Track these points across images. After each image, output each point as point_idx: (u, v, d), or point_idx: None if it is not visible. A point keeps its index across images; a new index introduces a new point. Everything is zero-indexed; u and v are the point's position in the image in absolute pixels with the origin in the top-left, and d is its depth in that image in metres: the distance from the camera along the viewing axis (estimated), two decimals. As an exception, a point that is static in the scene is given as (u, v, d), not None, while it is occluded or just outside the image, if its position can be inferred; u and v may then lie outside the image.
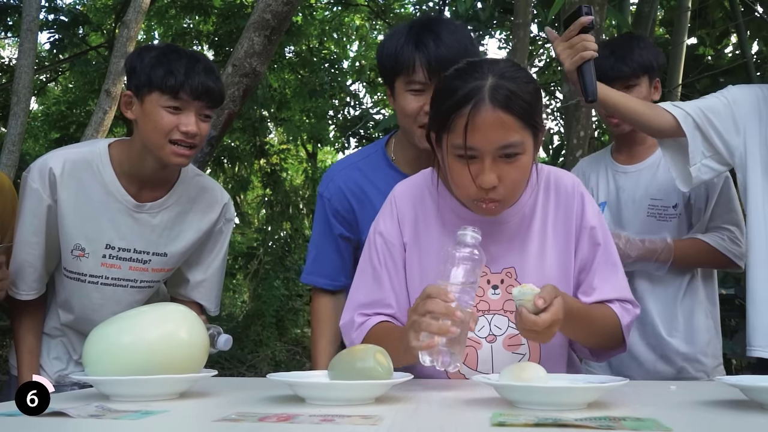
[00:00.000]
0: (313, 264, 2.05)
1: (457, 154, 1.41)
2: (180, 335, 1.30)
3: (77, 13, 7.78)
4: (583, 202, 1.58)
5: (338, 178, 1.98)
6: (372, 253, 1.60)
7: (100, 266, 1.94)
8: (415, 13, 8.17)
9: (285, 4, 3.33)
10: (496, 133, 1.37)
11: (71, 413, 1.03)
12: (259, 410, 1.11)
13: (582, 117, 3.78)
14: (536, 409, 1.11)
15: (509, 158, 1.40)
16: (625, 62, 2.21)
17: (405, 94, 1.81)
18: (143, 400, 1.22)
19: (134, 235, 1.94)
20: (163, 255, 2.00)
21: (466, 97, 1.38)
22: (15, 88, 4.22)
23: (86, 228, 1.91)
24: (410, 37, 1.79)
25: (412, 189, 1.62)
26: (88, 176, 1.90)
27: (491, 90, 1.38)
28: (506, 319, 1.53)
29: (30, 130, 9.67)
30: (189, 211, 2.02)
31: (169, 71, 1.79)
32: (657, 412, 1.08)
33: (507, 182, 1.41)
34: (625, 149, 2.35)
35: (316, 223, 2.04)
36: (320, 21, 9.47)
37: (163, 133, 1.81)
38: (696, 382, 1.61)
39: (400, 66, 1.80)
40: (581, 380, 1.26)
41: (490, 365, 1.53)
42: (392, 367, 1.25)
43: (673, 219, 2.23)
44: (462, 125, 1.38)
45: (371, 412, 1.08)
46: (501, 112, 1.37)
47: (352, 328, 1.58)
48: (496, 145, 1.38)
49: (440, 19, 1.90)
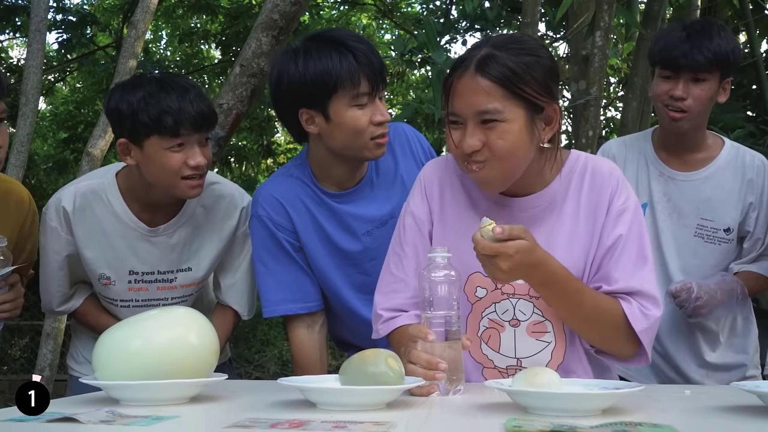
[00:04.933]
0: (274, 292, 1.87)
1: (449, 122, 1.46)
2: (190, 339, 1.29)
3: (85, 13, 7.79)
4: (618, 187, 1.52)
5: (265, 192, 1.88)
6: (401, 234, 1.62)
7: (128, 291, 1.95)
8: (422, 11, 8.15)
9: (293, 4, 3.31)
10: (473, 98, 1.41)
11: (81, 419, 1.03)
12: (270, 416, 1.10)
13: (590, 116, 3.76)
14: (550, 415, 1.10)
15: (488, 124, 1.41)
16: (702, 51, 1.94)
17: (351, 110, 1.73)
18: (153, 405, 1.21)
19: (154, 259, 1.94)
20: (187, 270, 1.98)
21: (456, 65, 1.46)
22: (23, 89, 4.23)
23: (107, 258, 1.92)
24: (342, 51, 1.72)
25: (439, 167, 1.63)
26: (100, 207, 1.90)
27: (479, 59, 1.42)
28: (531, 305, 1.51)
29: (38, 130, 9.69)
30: (206, 222, 1.98)
31: (164, 112, 1.73)
32: (673, 418, 1.07)
33: (490, 147, 1.42)
34: (675, 150, 2.10)
35: (261, 251, 1.87)
36: (327, 20, 9.45)
37: (174, 173, 1.77)
38: (711, 388, 1.59)
39: (343, 81, 1.70)
40: (596, 386, 1.25)
41: (512, 349, 1.52)
42: (404, 371, 1.24)
43: (723, 244, 2.06)
44: (448, 91, 1.45)
45: (384, 418, 1.07)
46: (480, 77, 1.40)
47: (378, 320, 1.61)
48: (474, 109, 1.41)
49: (345, 30, 1.86)
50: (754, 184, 2.07)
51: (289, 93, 1.78)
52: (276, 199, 1.85)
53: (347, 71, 1.70)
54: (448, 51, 6.80)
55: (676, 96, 1.99)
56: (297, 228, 1.86)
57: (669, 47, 1.99)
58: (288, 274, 1.86)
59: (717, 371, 2.10)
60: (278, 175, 1.94)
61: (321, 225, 1.87)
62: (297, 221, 1.85)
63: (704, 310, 1.98)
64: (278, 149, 10.09)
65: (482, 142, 1.41)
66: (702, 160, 2.09)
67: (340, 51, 1.72)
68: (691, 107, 1.99)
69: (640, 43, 4.23)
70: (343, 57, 1.71)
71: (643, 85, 4.07)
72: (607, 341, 1.49)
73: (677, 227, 2.08)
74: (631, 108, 4.22)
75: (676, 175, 2.09)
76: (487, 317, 1.53)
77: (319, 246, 1.87)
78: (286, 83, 1.77)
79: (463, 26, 6.17)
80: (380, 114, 1.75)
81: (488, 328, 1.53)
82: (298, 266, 1.87)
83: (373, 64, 1.73)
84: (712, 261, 2.07)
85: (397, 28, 9.20)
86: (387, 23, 10.02)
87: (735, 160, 2.09)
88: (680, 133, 2.06)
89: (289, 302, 1.87)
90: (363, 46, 1.75)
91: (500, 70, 1.40)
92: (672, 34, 2.01)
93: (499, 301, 1.52)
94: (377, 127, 1.75)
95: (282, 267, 1.86)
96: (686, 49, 1.95)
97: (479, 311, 1.53)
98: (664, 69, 2.02)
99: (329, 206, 1.87)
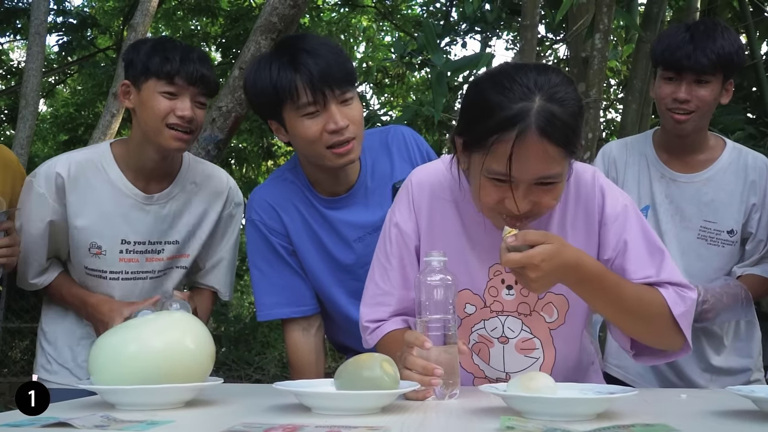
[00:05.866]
0: (269, 296, 1.87)
1: (490, 177, 1.33)
2: (186, 343, 1.29)
3: (85, 15, 7.81)
4: (603, 195, 1.47)
5: (258, 197, 1.88)
6: (386, 245, 1.57)
7: (118, 262, 1.97)
8: (422, 14, 8.15)
9: (292, 7, 3.32)
10: (539, 165, 1.29)
11: (76, 423, 1.03)
12: (264, 420, 1.10)
13: (590, 118, 3.76)
14: (545, 419, 1.10)
15: (546, 186, 1.33)
16: (705, 53, 1.91)
17: (300, 120, 1.70)
18: (149, 409, 1.22)
19: (146, 227, 1.98)
20: (174, 243, 2.03)
21: (510, 122, 1.27)
22: (23, 92, 4.23)
23: (100, 226, 1.94)
24: (284, 62, 1.68)
25: (430, 178, 1.56)
26: (95, 176, 1.94)
27: (538, 116, 1.26)
28: (519, 322, 1.50)
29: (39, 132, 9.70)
30: (195, 197, 2.05)
31: (165, 58, 1.86)
32: (668, 422, 1.07)
33: (540, 207, 1.36)
34: (677, 152, 2.08)
35: (255, 255, 1.87)
36: (327, 22, 9.46)
37: (160, 118, 1.86)
38: (707, 392, 1.58)
39: (282, 94, 1.68)
40: (591, 391, 1.25)
41: (501, 364, 1.52)
42: (399, 376, 1.24)
43: (727, 246, 2.04)
44: (503, 152, 1.28)
45: (378, 423, 1.07)
46: (548, 143, 1.27)
47: (365, 332, 1.60)
48: (537, 176, 1.31)
49: (305, 35, 1.82)
50: (757, 186, 2.05)
51: (253, 104, 1.81)
52: (269, 203, 1.86)
53: (286, 83, 1.67)
54: (448, 53, 6.81)
55: (680, 99, 1.97)
56: (290, 232, 1.86)
57: (672, 48, 1.96)
58: (282, 278, 1.86)
59: (721, 375, 2.08)
60: (272, 179, 1.93)
61: (314, 231, 1.86)
62: (290, 226, 1.86)
63: (710, 314, 1.95)
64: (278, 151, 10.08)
65: (533, 203, 1.34)
66: (704, 162, 2.08)
67: (282, 62, 1.69)
68: (695, 109, 1.98)
69: (640, 46, 4.23)
70: (283, 69, 1.68)
71: (642, 87, 4.07)
72: (654, 333, 1.42)
73: (680, 229, 2.07)
74: (630, 110, 4.22)
75: (678, 177, 2.08)
76: (477, 332, 1.53)
77: (311, 251, 1.87)
78: (249, 94, 1.80)
79: (463, 28, 6.17)
80: (333, 122, 1.68)
81: (478, 342, 1.54)
82: (293, 270, 1.87)
83: (313, 74, 1.65)
84: (716, 263, 2.06)
85: (397, 30, 9.20)
86: (387, 25, 10.02)
87: (737, 162, 2.07)
88: (683, 135, 2.04)
89: (284, 306, 1.87)
90: (308, 55, 1.67)
91: (566, 132, 1.28)
92: (675, 35, 1.98)
93: (488, 319, 1.52)
94: (332, 136, 1.70)
95: (276, 271, 1.86)
96: (689, 50, 1.92)
97: (468, 326, 1.53)
98: (667, 70, 2.00)
99: (321, 212, 1.86)
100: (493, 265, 1.50)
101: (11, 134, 7.04)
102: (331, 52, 1.70)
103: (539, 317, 1.50)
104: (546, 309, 1.50)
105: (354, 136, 1.73)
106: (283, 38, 1.83)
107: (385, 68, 9.27)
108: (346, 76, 1.70)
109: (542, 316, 1.50)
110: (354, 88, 1.75)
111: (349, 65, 1.75)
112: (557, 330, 1.51)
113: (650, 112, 4.34)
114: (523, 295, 1.50)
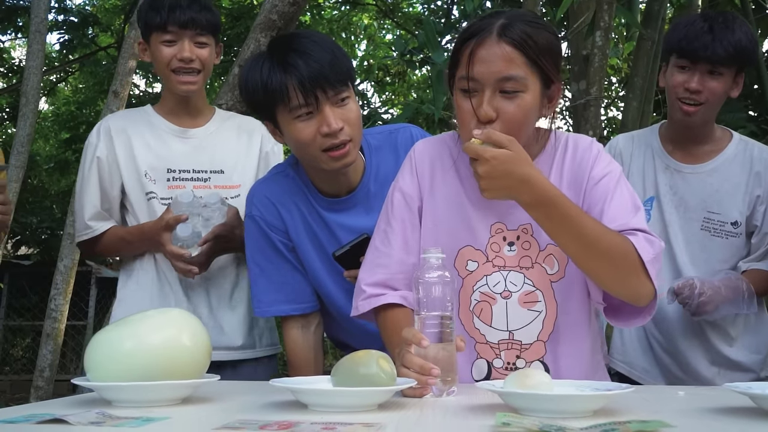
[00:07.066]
0: (267, 293, 1.85)
1: (460, 87, 1.44)
2: (182, 340, 1.29)
3: (87, 13, 7.82)
4: (598, 155, 1.53)
5: (258, 192, 1.87)
6: (388, 210, 1.61)
7: (167, 189, 2.09)
8: (423, 12, 8.14)
9: (291, 5, 3.32)
10: (498, 64, 1.39)
11: (71, 420, 1.03)
12: (260, 417, 1.10)
13: (591, 116, 3.75)
14: (542, 416, 1.09)
15: (509, 94, 1.40)
16: (723, 44, 1.91)
17: (293, 123, 1.66)
18: (145, 406, 1.21)
19: (188, 158, 2.11)
20: (220, 172, 2.13)
21: (474, 31, 1.43)
22: (24, 90, 4.24)
23: (148, 158, 2.10)
24: (275, 63, 1.64)
25: (431, 146, 1.63)
26: (139, 119, 2.15)
27: (500, 26, 1.41)
28: (522, 276, 1.52)
29: (40, 131, 9.72)
30: (233, 131, 2.19)
31: (155, 10, 2.02)
32: (664, 418, 1.06)
33: (505, 117, 1.41)
34: (682, 143, 2.09)
35: (255, 251, 1.85)
36: (328, 20, 9.46)
37: (165, 65, 2.05)
38: (705, 388, 1.58)
39: (273, 97, 1.64)
40: (587, 387, 1.25)
41: (504, 322, 1.52)
42: (395, 372, 1.24)
43: (731, 237, 2.03)
44: (466, 55, 1.42)
45: (374, 420, 1.07)
46: (505, 44, 1.40)
47: (359, 296, 1.59)
48: (497, 75, 1.40)
49: (299, 33, 1.76)
50: (762, 178, 2.04)
51: (248, 104, 1.79)
52: (268, 199, 1.84)
53: (276, 85, 1.63)
54: (449, 51, 6.80)
55: (691, 89, 1.97)
56: (289, 229, 1.84)
57: (690, 38, 1.96)
58: (281, 275, 1.85)
59: (730, 370, 2.05)
60: (273, 174, 1.91)
61: (313, 230, 1.84)
62: (289, 223, 1.84)
63: (709, 307, 1.94)
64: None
65: (497, 111, 1.41)
66: (709, 153, 2.07)
67: (273, 63, 1.65)
68: (705, 101, 1.98)
69: (641, 43, 4.21)
70: (273, 70, 1.64)
71: (643, 84, 4.06)
72: (621, 277, 1.39)
73: (684, 220, 2.06)
74: (631, 108, 4.20)
75: (683, 168, 2.07)
76: (479, 291, 1.54)
77: (310, 249, 1.85)
78: (243, 94, 1.78)
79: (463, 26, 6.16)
80: (326, 125, 1.64)
81: (480, 302, 1.53)
82: (293, 267, 1.85)
83: (303, 75, 1.61)
84: (719, 255, 2.04)
85: (398, 28, 9.20)
86: (388, 23, 10.02)
87: (743, 153, 2.07)
88: (691, 126, 2.04)
89: (282, 303, 1.86)
90: (299, 56, 1.63)
91: (524, 38, 1.40)
92: (693, 25, 1.98)
93: (490, 274, 1.53)
94: (326, 139, 1.65)
95: (275, 267, 1.84)
96: (708, 41, 1.92)
97: (470, 285, 1.54)
98: (682, 59, 2.00)
99: (320, 214, 1.83)
100: (495, 223, 1.54)
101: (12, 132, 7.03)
102: (324, 51, 1.64)
103: (541, 269, 1.52)
104: (547, 261, 1.52)
105: (350, 139, 1.68)
106: (276, 37, 1.81)
107: (387, 66, 9.27)
108: (339, 77, 1.64)
109: (544, 267, 1.52)
110: (349, 87, 1.69)
111: (345, 64, 1.68)
112: (558, 283, 1.52)
113: (651, 109, 4.34)
114: (524, 249, 1.52)
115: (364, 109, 9.30)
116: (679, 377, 2.08)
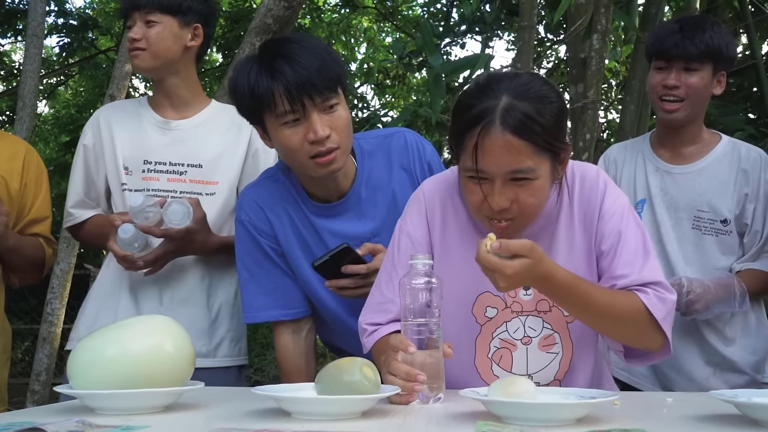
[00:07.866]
0: (257, 298, 1.83)
1: (467, 175, 1.39)
2: (166, 348, 1.28)
3: (86, 17, 7.82)
4: (606, 189, 1.51)
5: (247, 196, 1.84)
6: (394, 253, 1.58)
7: (141, 180, 2.07)
8: (423, 15, 8.14)
9: (286, 9, 3.31)
10: (506, 158, 1.33)
11: (49, 429, 1.02)
12: (242, 425, 1.09)
13: (588, 119, 3.74)
14: (524, 424, 1.08)
15: (520, 182, 1.36)
16: (693, 42, 1.99)
17: (281, 129, 1.63)
18: (127, 414, 1.21)
19: (166, 150, 2.09)
20: (198, 166, 2.09)
21: (476, 118, 1.34)
22: (21, 93, 4.25)
23: (126, 149, 2.09)
24: (263, 68, 1.61)
25: (440, 186, 1.58)
26: (130, 110, 2.16)
27: (503, 112, 1.32)
28: (540, 320, 1.51)
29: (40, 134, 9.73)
30: (222, 125, 2.14)
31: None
32: (647, 426, 1.06)
33: (520, 204, 1.38)
34: (671, 145, 2.12)
35: (244, 256, 1.83)
36: (328, 23, 9.46)
37: (127, 49, 2.13)
38: (693, 395, 1.57)
39: (260, 102, 1.62)
40: (572, 395, 1.24)
41: (524, 366, 1.51)
42: (379, 380, 1.23)
43: (721, 235, 2.05)
44: (471, 147, 1.34)
45: (357, 428, 1.07)
46: (511, 136, 1.32)
47: (363, 334, 1.59)
48: (506, 169, 1.34)
49: (289, 38, 1.71)
50: (749, 175, 2.06)
51: (237, 108, 1.75)
52: (257, 204, 1.82)
53: (263, 91, 1.61)
54: (449, 54, 6.80)
55: (669, 85, 2.04)
56: (277, 234, 1.82)
57: (662, 39, 2.06)
58: (271, 280, 1.83)
59: (724, 371, 2.05)
60: (263, 178, 1.88)
61: (302, 236, 1.82)
62: (278, 228, 1.81)
63: (698, 305, 1.93)
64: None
65: (511, 201, 1.37)
66: (697, 153, 2.11)
67: (260, 68, 1.62)
68: (685, 96, 2.03)
69: (638, 46, 4.21)
70: (260, 75, 1.61)
71: (641, 87, 4.05)
72: (632, 336, 1.45)
73: (675, 220, 2.08)
74: (629, 111, 4.20)
75: (672, 169, 2.11)
76: (498, 337, 1.52)
77: (300, 255, 1.83)
78: (232, 98, 1.74)
79: (462, 29, 6.16)
80: (312, 132, 1.61)
81: (499, 348, 1.52)
82: (282, 272, 1.83)
83: (290, 82, 1.58)
84: (712, 253, 2.06)
85: (398, 31, 9.20)
86: (388, 26, 10.02)
87: (731, 153, 2.10)
88: (676, 125, 2.08)
89: (272, 308, 1.84)
90: (286, 61, 1.60)
91: (532, 127, 1.32)
92: (666, 27, 2.08)
93: (510, 320, 1.51)
94: (313, 146, 1.62)
95: (265, 272, 1.82)
96: (678, 39, 2.01)
97: (489, 332, 1.52)
98: (658, 60, 2.07)
99: (310, 219, 1.81)
100: None
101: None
102: (313, 57, 1.61)
103: (558, 311, 1.51)
104: None
105: (337, 146, 1.65)
106: (266, 41, 1.76)
107: (386, 69, 9.27)
108: (327, 83, 1.61)
109: (560, 310, 1.51)
110: (339, 93, 1.66)
111: (334, 70, 1.64)
112: (573, 323, 1.52)
113: (649, 112, 4.33)
114: (539, 294, 1.49)
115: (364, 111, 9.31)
116: (673, 379, 2.07)
